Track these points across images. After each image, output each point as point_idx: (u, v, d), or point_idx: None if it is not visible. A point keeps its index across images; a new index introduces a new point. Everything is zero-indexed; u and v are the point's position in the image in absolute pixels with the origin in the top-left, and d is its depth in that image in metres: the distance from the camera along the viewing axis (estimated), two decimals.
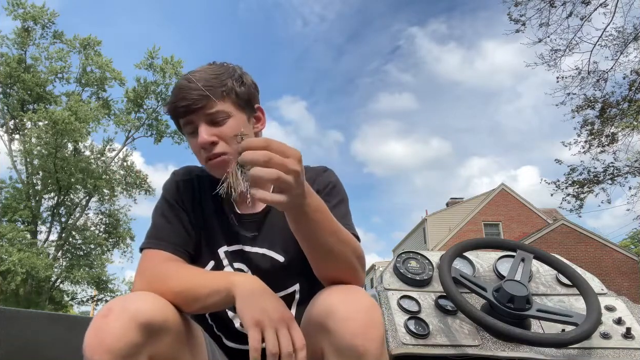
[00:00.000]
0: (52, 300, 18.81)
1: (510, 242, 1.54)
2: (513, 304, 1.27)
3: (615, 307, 1.42)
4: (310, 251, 0.89)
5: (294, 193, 0.73)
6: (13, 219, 17.07)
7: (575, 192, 11.56)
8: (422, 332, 1.28)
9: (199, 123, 1.01)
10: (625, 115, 10.71)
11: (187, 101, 1.00)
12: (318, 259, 0.89)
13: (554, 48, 10.53)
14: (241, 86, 1.06)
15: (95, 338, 0.76)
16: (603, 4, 9.88)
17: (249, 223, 1.11)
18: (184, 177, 1.15)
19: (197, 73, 1.03)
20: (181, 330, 0.91)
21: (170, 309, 0.87)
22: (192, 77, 1.02)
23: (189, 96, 1.00)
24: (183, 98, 1.00)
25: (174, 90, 1.05)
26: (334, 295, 0.81)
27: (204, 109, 1.01)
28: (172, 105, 1.03)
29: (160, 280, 0.92)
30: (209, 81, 1.01)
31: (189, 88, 1.00)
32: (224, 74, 1.04)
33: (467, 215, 21.64)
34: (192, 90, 1.00)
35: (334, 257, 0.86)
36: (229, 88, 1.03)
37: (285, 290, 1.11)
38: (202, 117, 1.01)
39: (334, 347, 0.77)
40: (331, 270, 0.89)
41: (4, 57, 17.23)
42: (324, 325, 0.79)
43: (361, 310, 0.78)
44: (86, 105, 17.92)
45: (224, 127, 1.02)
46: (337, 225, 0.87)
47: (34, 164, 18.24)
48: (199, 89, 1.00)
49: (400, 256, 1.55)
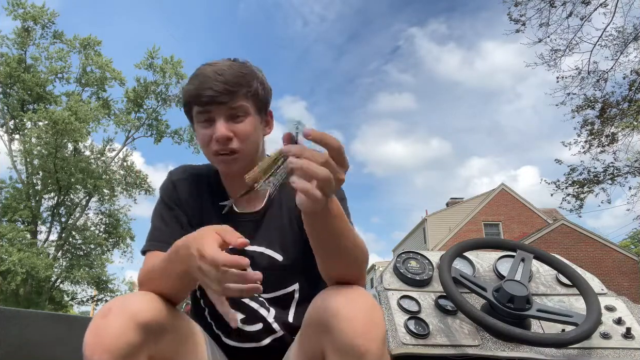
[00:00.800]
0: (52, 300, 18.81)
1: (510, 242, 1.54)
2: (513, 304, 1.27)
3: (615, 307, 1.42)
4: (323, 253, 0.87)
5: (327, 199, 0.72)
6: (13, 219, 17.07)
7: (575, 192, 11.56)
8: (422, 332, 1.28)
9: (218, 116, 1.02)
10: (625, 115, 10.71)
11: (213, 92, 1.00)
12: (330, 260, 0.88)
13: (554, 48, 10.54)
14: (262, 90, 1.08)
15: (95, 338, 0.76)
16: (603, 4, 9.88)
17: (247, 222, 1.11)
18: (180, 176, 1.15)
19: (223, 66, 1.03)
20: (180, 330, 0.91)
21: (169, 308, 0.88)
22: (220, 70, 1.01)
23: (215, 87, 0.99)
24: (209, 88, 1.00)
25: (197, 77, 1.03)
26: (336, 295, 0.81)
27: (227, 103, 1.01)
28: (194, 92, 1.02)
29: (149, 279, 0.93)
30: (237, 78, 1.02)
31: (216, 80, 1.00)
32: (249, 74, 1.05)
33: (467, 215, 21.64)
34: (220, 83, 1.00)
35: (346, 259, 0.86)
36: (253, 89, 1.05)
37: (284, 289, 1.11)
38: (223, 110, 1.02)
39: (335, 347, 0.77)
40: (340, 270, 0.88)
41: (4, 57, 17.23)
42: (325, 325, 0.79)
43: (362, 310, 0.78)
44: (86, 105, 17.92)
45: (240, 125, 1.03)
46: (352, 229, 0.87)
47: (34, 164, 18.24)
48: (226, 82, 1.00)
49: (400, 256, 1.55)
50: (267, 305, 1.11)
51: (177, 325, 0.90)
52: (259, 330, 1.10)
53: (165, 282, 0.89)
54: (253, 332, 1.10)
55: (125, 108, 20.17)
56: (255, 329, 1.10)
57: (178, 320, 0.91)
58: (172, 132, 20.64)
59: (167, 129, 20.60)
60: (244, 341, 1.11)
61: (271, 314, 1.10)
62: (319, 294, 0.86)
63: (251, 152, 1.07)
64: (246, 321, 1.11)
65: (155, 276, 0.90)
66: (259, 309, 1.10)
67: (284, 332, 1.10)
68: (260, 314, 1.10)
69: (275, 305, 1.11)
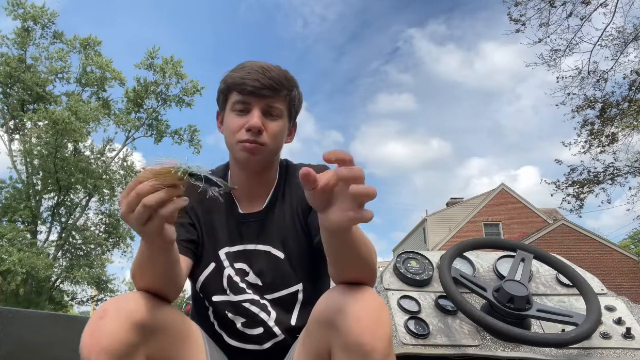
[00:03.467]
0: (52, 300, 18.79)
1: (510, 242, 1.54)
2: (513, 304, 1.27)
3: (615, 307, 1.42)
4: (340, 263, 0.86)
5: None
6: (13, 219, 17.04)
7: (575, 192, 11.56)
8: (422, 332, 1.28)
9: (256, 107, 1.05)
10: (625, 115, 10.71)
11: (259, 84, 1.03)
12: (346, 267, 0.86)
13: (554, 48, 10.55)
14: (298, 100, 1.13)
15: (92, 339, 0.76)
16: (603, 4, 9.89)
17: (251, 222, 1.12)
18: None
19: (271, 65, 1.07)
20: (178, 329, 0.91)
21: (165, 307, 0.88)
22: (267, 66, 1.05)
23: (262, 80, 1.03)
24: (256, 80, 1.03)
25: (245, 67, 1.06)
26: (343, 294, 0.81)
27: (270, 99, 1.05)
28: (239, 79, 1.05)
29: (134, 270, 0.90)
30: (282, 79, 1.06)
31: (264, 74, 1.03)
32: (292, 80, 1.10)
33: (467, 215, 21.63)
34: (267, 78, 1.03)
35: (361, 264, 0.85)
36: (293, 95, 1.10)
37: (287, 289, 1.11)
38: (262, 104, 1.05)
39: (342, 345, 0.78)
40: (354, 275, 0.86)
41: (4, 57, 17.22)
42: (332, 323, 0.79)
43: (370, 309, 0.78)
44: (86, 105, 17.90)
45: (273, 123, 1.07)
46: (363, 233, 0.86)
47: (34, 164, 18.23)
48: (272, 78, 1.04)
49: (400, 256, 1.55)
50: (269, 309, 1.11)
51: (174, 324, 0.90)
52: (260, 335, 1.10)
53: (147, 270, 0.86)
54: (255, 335, 1.11)
55: (125, 108, 20.14)
56: (256, 333, 1.10)
57: (175, 320, 0.91)
58: (172, 132, 20.63)
59: (167, 129, 20.59)
60: (246, 342, 1.11)
61: (272, 318, 1.10)
62: (327, 292, 0.86)
63: (275, 150, 1.10)
64: (247, 325, 1.11)
65: (137, 268, 0.88)
66: (259, 313, 1.10)
67: (285, 335, 1.10)
68: (261, 317, 1.10)
69: (278, 308, 1.11)
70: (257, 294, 1.11)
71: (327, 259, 0.87)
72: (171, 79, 19.58)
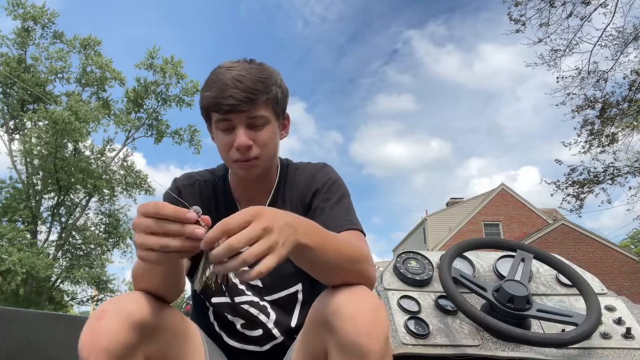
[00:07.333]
0: (52, 300, 18.80)
1: (510, 242, 1.54)
2: (513, 304, 1.27)
3: (615, 307, 1.42)
4: (316, 273, 0.86)
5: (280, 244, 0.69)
6: (13, 219, 17.05)
7: (575, 192, 11.55)
8: (422, 332, 1.28)
9: (238, 124, 1.00)
10: (626, 115, 10.70)
11: (233, 101, 0.97)
12: (325, 276, 0.86)
13: (554, 48, 10.53)
14: (281, 93, 1.06)
15: (91, 339, 0.76)
16: (603, 4, 9.88)
17: None
18: (185, 182, 1.15)
19: (242, 72, 0.99)
20: (176, 329, 0.91)
21: (164, 307, 0.88)
22: (239, 76, 0.98)
23: (236, 96, 0.96)
24: (230, 97, 0.97)
25: (216, 83, 0.99)
26: (340, 294, 0.81)
27: (248, 112, 0.99)
28: (213, 100, 0.99)
29: (136, 274, 0.91)
30: (256, 84, 0.99)
31: (237, 87, 0.97)
32: (269, 79, 1.02)
33: (467, 215, 21.63)
34: (240, 91, 0.97)
35: (339, 271, 0.84)
36: (272, 95, 1.02)
37: (287, 290, 1.11)
38: (243, 119, 1.00)
39: (339, 346, 0.77)
40: (339, 280, 0.86)
41: (4, 57, 17.22)
42: (328, 324, 0.79)
43: (366, 309, 0.78)
44: (86, 105, 17.90)
45: (260, 132, 1.02)
46: (335, 239, 0.84)
47: (34, 164, 18.24)
48: (246, 90, 0.97)
49: (400, 256, 1.55)
50: (268, 310, 1.11)
51: (172, 324, 0.90)
52: (260, 336, 1.10)
53: (148, 274, 0.87)
54: (255, 337, 1.11)
55: (125, 108, 20.14)
56: (256, 334, 1.11)
57: (174, 320, 0.91)
58: (172, 132, 20.63)
59: (167, 129, 20.59)
60: (246, 343, 1.11)
61: (271, 320, 1.10)
62: (323, 292, 0.86)
63: (270, 157, 1.07)
64: (246, 326, 1.11)
65: (139, 270, 0.89)
66: (258, 315, 1.10)
67: (284, 337, 1.10)
68: (260, 319, 1.10)
69: (278, 309, 1.11)
70: (256, 295, 1.11)
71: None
72: (171, 79, 19.61)
